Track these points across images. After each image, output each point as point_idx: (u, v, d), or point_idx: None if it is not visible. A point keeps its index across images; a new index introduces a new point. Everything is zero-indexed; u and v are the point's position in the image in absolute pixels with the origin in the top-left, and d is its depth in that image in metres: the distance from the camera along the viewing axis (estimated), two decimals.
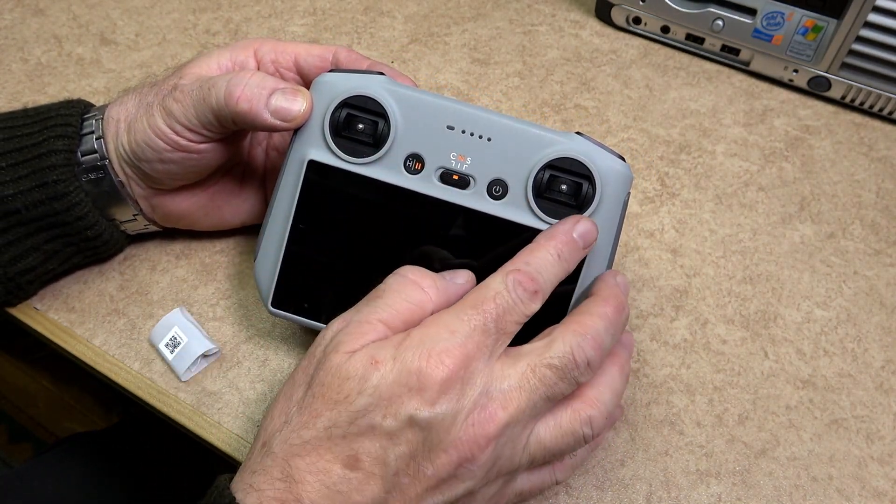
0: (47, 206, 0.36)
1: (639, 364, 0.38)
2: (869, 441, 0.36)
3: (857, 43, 0.46)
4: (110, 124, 0.36)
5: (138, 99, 0.36)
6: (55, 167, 0.36)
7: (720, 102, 0.51)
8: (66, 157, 0.36)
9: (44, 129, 0.36)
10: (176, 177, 0.37)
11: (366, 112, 0.32)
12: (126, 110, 0.36)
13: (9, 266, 0.37)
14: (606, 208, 0.32)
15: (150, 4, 0.57)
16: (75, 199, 0.36)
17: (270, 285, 0.34)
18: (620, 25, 0.56)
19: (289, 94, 0.33)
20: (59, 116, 0.37)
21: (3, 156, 0.36)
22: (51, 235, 0.37)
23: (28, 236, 0.37)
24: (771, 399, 0.37)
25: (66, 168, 0.36)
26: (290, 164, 0.34)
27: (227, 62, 0.37)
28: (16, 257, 0.37)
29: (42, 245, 0.37)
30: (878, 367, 0.38)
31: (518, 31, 0.56)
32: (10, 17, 0.56)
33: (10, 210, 0.35)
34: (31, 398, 1.09)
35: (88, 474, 0.57)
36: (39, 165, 0.36)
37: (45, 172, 0.36)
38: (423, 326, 0.28)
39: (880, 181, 0.47)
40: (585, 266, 0.32)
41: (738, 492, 0.34)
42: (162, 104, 0.34)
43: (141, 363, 0.38)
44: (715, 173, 0.47)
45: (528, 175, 0.32)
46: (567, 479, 0.34)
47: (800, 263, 0.42)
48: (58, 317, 0.40)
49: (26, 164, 0.36)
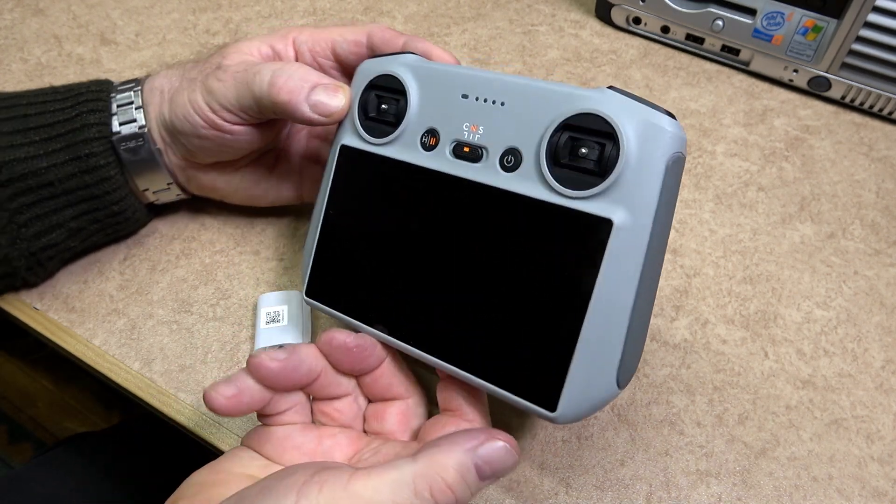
0: (80, 179, 0.37)
1: (639, 364, 0.38)
2: (869, 441, 0.36)
3: (857, 43, 0.46)
4: (154, 94, 0.37)
5: (182, 73, 0.37)
6: (89, 141, 0.37)
7: (720, 102, 0.51)
8: (100, 129, 0.37)
9: (76, 105, 0.37)
10: (210, 153, 0.37)
11: (388, 91, 0.32)
12: (170, 82, 0.37)
13: (33, 241, 0.37)
14: (640, 174, 0.25)
15: (150, 4, 0.57)
16: (108, 172, 0.37)
17: (305, 275, 0.34)
18: (620, 25, 0.56)
19: (330, 90, 0.33)
20: (89, 93, 0.38)
21: (37, 129, 0.36)
22: (78, 211, 0.38)
23: (56, 211, 0.37)
24: (771, 399, 0.37)
25: (99, 141, 0.37)
26: (330, 153, 0.34)
27: (266, 49, 0.37)
28: (40, 232, 0.38)
29: (67, 222, 0.38)
30: (878, 367, 0.38)
31: (518, 31, 0.56)
32: (10, 17, 0.56)
33: (42, 182, 0.36)
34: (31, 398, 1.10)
35: (89, 475, 0.57)
36: (73, 139, 0.36)
37: (80, 146, 0.36)
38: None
39: (880, 181, 0.47)
40: (614, 259, 0.25)
41: (738, 492, 0.34)
42: (204, 82, 0.35)
43: (141, 363, 0.38)
44: (715, 173, 0.47)
45: (542, 139, 0.27)
46: None
47: (800, 263, 0.42)
48: (58, 317, 0.40)
49: (60, 137, 0.36)
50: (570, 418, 0.27)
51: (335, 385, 0.31)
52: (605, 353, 0.26)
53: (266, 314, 0.38)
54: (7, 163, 0.35)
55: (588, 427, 0.36)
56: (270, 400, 0.30)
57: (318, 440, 0.30)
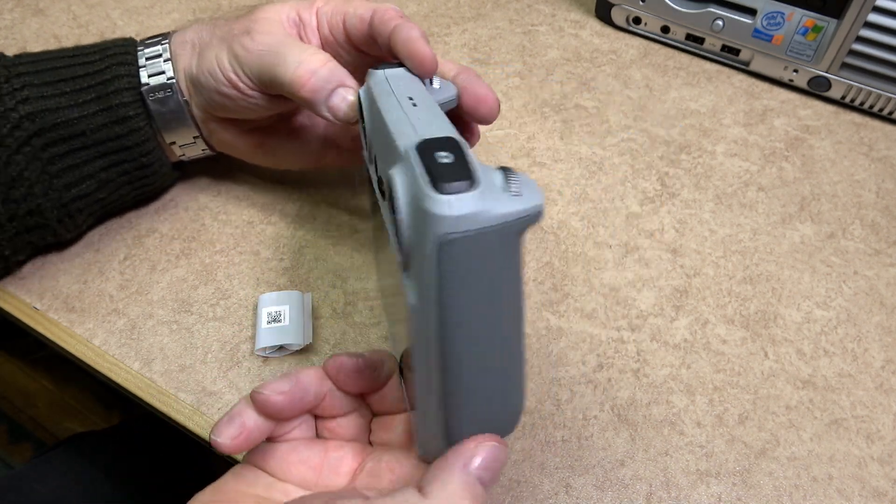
0: (110, 130, 0.38)
1: (639, 364, 0.38)
2: (869, 441, 0.36)
3: (857, 43, 0.46)
4: (184, 47, 0.38)
5: (212, 29, 0.38)
6: (119, 91, 0.38)
7: (720, 102, 0.51)
8: (129, 81, 0.38)
9: (105, 58, 0.38)
10: (229, 111, 0.38)
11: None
12: (199, 36, 0.38)
13: (64, 191, 0.38)
14: (416, 257, 0.22)
15: (149, 4, 0.57)
16: (137, 123, 0.38)
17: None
18: (620, 25, 0.56)
19: (349, 97, 0.34)
20: (116, 47, 0.39)
21: (68, 81, 0.37)
22: (108, 162, 0.39)
23: (87, 162, 0.38)
24: (771, 399, 0.37)
25: (129, 92, 0.38)
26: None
27: (294, 16, 0.38)
28: (71, 183, 0.38)
29: (98, 172, 0.39)
30: (878, 367, 0.38)
31: (518, 31, 0.56)
32: (10, 17, 0.56)
33: (74, 132, 0.37)
34: (31, 398, 1.09)
35: (89, 474, 0.57)
36: (104, 91, 0.37)
37: (110, 97, 0.37)
38: None
39: (880, 181, 0.47)
40: (416, 334, 0.23)
41: (738, 492, 0.34)
42: (231, 44, 0.36)
43: (141, 363, 0.38)
44: (715, 173, 0.47)
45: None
46: None
47: (800, 263, 0.42)
48: (58, 317, 0.40)
49: (91, 89, 0.37)
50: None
51: (340, 405, 0.31)
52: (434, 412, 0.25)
53: (267, 314, 0.38)
54: (39, 112, 0.36)
55: (588, 427, 0.36)
56: (276, 426, 0.30)
57: (323, 453, 0.30)
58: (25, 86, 0.36)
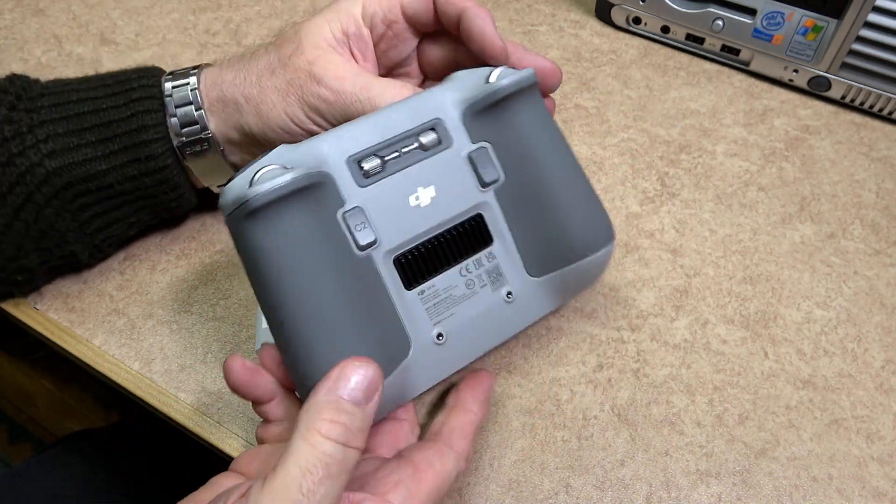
0: (139, 181, 0.37)
1: (639, 364, 0.38)
2: (869, 441, 0.36)
3: (857, 43, 0.46)
4: (225, 105, 0.36)
5: (257, 79, 0.36)
6: (148, 143, 0.36)
7: (720, 102, 0.51)
8: (157, 130, 0.36)
9: (130, 103, 0.36)
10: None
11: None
12: (241, 90, 0.36)
13: (95, 234, 0.38)
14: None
15: (150, 4, 0.57)
16: (168, 174, 0.37)
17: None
18: (620, 25, 0.56)
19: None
20: (141, 88, 0.37)
21: (93, 129, 0.36)
22: (138, 206, 0.38)
23: (116, 208, 0.38)
24: (771, 399, 0.37)
25: (159, 143, 0.36)
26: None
27: (340, 35, 0.36)
28: (102, 227, 0.38)
29: (128, 217, 0.39)
30: (878, 367, 0.38)
31: (518, 31, 0.56)
32: (10, 17, 0.56)
33: (102, 185, 0.36)
34: (31, 398, 1.10)
35: (88, 472, 0.57)
36: (132, 141, 0.36)
37: (139, 148, 0.36)
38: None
39: (880, 181, 0.47)
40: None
41: (738, 492, 0.34)
42: (303, 96, 0.35)
43: (141, 363, 0.38)
44: (715, 173, 0.47)
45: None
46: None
47: (800, 263, 0.42)
48: (58, 317, 0.40)
49: (117, 139, 0.36)
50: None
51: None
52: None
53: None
54: (67, 166, 0.35)
55: (588, 427, 0.36)
56: (273, 401, 0.30)
57: None
58: (50, 136, 0.35)
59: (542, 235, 0.33)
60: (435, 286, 0.32)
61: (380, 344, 0.29)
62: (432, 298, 0.32)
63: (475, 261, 0.33)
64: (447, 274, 0.32)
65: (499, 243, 0.33)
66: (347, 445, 0.24)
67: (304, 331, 0.28)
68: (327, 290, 0.28)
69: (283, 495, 0.23)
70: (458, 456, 0.30)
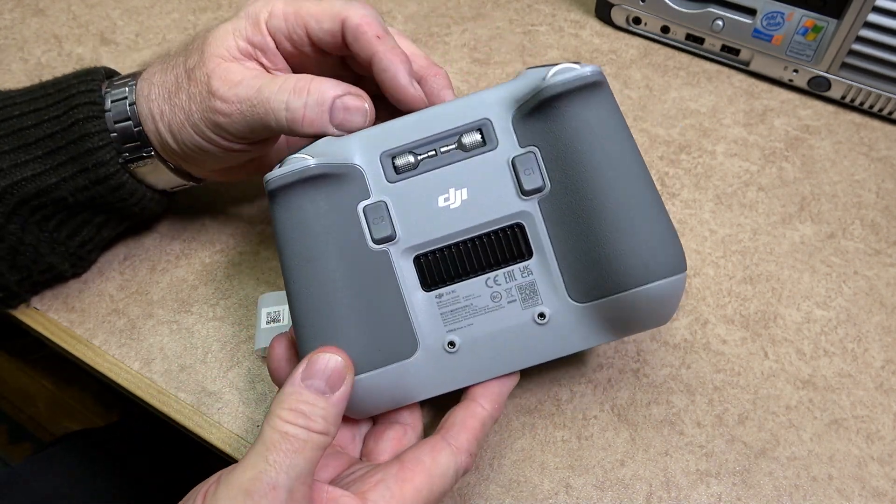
0: (92, 191, 0.36)
1: (639, 364, 0.38)
2: (869, 441, 0.36)
3: (857, 43, 0.46)
4: (149, 120, 0.35)
5: (168, 98, 0.35)
6: (93, 151, 0.35)
7: (720, 102, 0.51)
8: (101, 137, 0.35)
9: (70, 111, 0.35)
10: (216, 164, 0.37)
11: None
12: (160, 109, 0.35)
13: (68, 241, 0.38)
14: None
15: (150, 4, 0.57)
16: (119, 180, 0.36)
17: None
18: (620, 25, 0.56)
19: (350, 108, 0.32)
20: (80, 95, 0.36)
21: (38, 143, 0.35)
22: (100, 214, 0.38)
23: (77, 215, 0.37)
24: (771, 399, 0.37)
25: (104, 150, 0.35)
26: None
27: (245, 46, 0.34)
28: (72, 233, 0.38)
29: (93, 219, 0.38)
30: (878, 367, 0.38)
31: (518, 31, 0.56)
32: (10, 17, 0.56)
33: (56, 198, 0.36)
34: (30, 398, 1.09)
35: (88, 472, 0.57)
36: (77, 151, 0.35)
37: (85, 157, 0.35)
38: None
39: (880, 181, 0.47)
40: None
41: (738, 492, 0.34)
42: (205, 115, 0.33)
43: (141, 363, 0.38)
44: (715, 173, 0.47)
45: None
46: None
47: (800, 263, 0.42)
48: (58, 317, 0.40)
49: (62, 150, 0.35)
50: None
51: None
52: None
53: (266, 314, 0.38)
54: (17, 184, 0.35)
55: (588, 427, 0.36)
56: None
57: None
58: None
59: (591, 255, 0.29)
60: (455, 292, 0.30)
61: (375, 337, 0.29)
62: (450, 304, 0.30)
63: (507, 273, 0.30)
64: (471, 282, 0.30)
65: (538, 258, 0.30)
66: (310, 430, 0.26)
67: (301, 310, 0.29)
68: (328, 276, 0.29)
69: (251, 465, 0.25)
70: (457, 451, 0.29)
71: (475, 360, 0.30)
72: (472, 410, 0.30)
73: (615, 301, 0.29)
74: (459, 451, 0.29)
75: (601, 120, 0.30)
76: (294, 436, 0.25)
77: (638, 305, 0.29)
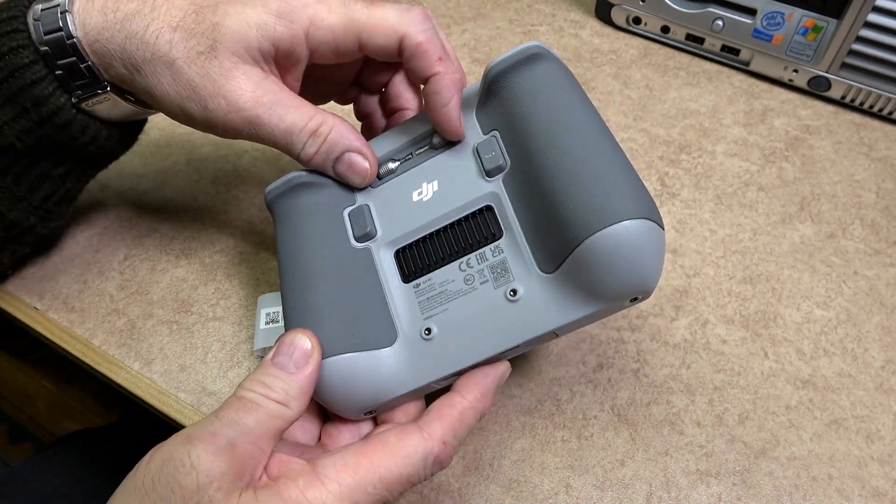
0: (40, 131, 0.33)
1: (639, 364, 0.38)
2: (869, 441, 0.36)
3: (857, 43, 0.46)
4: (105, 56, 0.31)
5: (152, 55, 0.31)
6: (28, 87, 0.31)
7: (720, 102, 0.51)
8: (35, 70, 0.31)
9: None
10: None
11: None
12: (132, 56, 0.31)
13: (30, 195, 0.35)
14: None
15: None
16: (66, 117, 0.32)
17: None
18: (620, 25, 0.56)
19: (354, 167, 0.33)
20: (3, 23, 0.31)
21: None
22: (55, 159, 0.35)
23: (33, 165, 0.34)
24: (771, 399, 0.37)
25: (41, 84, 0.31)
26: None
27: (269, 46, 0.31)
28: (32, 187, 0.35)
29: (51, 171, 0.35)
30: (878, 367, 0.38)
31: (518, 31, 0.56)
32: None
33: (4, 145, 0.32)
34: (30, 398, 1.10)
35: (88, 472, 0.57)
36: (11, 90, 0.31)
37: (21, 95, 0.31)
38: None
39: (880, 181, 0.47)
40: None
41: (738, 492, 0.34)
42: (205, 105, 0.31)
43: (141, 363, 0.38)
44: (715, 173, 0.47)
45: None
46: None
47: (800, 263, 0.42)
48: (58, 317, 0.40)
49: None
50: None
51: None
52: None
53: (266, 314, 0.38)
54: None
55: (588, 427, 0.36)
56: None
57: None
58: None
59: (550, 220, 0.27)
60: (431, 280, 0.31)
61: (352, 326, 0.30)
62: (426, 292, 0.31)
63: (478, 255, 0.30)
64: (446, 269, 0.31)
65: (507, 237, 0.30)
66: (267, 397, 0.27)
67: (288, 304, 0.31)
68: (313, 272, 0.31)
69: (206, 421, 0.26)
70: (428, 437, 0.27)
71: (452, 346, 0.29)
72: (450, 400, 0.29)
73: (576, 258, 0.26)
74: (431, 437, 0.27)
75: (544, 86, 0.30)
76: (248, 399, 0.27)
77: (599, 257, 0.26)
